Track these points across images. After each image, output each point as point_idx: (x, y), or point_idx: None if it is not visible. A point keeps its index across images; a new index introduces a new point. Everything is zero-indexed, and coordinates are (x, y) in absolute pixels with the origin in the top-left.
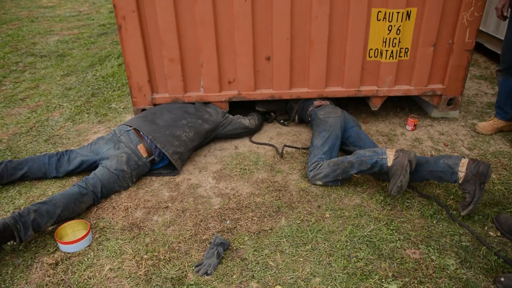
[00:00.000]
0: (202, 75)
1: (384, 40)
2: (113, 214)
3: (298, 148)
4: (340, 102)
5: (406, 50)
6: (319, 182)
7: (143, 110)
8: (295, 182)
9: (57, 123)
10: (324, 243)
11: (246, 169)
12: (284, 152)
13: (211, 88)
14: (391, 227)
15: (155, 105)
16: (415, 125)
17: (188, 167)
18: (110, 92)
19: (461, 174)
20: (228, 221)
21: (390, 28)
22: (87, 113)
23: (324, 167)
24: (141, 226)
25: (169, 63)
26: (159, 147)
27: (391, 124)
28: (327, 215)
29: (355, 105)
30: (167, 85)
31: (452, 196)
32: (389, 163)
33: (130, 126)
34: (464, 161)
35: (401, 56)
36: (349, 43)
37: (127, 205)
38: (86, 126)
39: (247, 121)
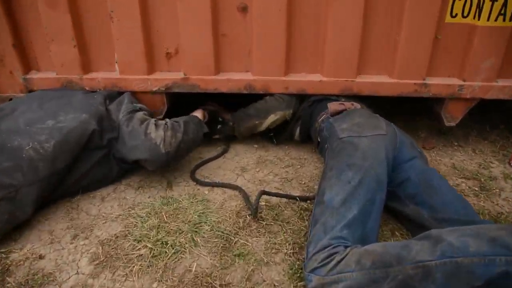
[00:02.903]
0: (113, 37)
1: None
2: None
3: (293, 199)
4: (378, 104)
5: None
6: None
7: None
8: None
9: None
10: None
11: (169, 242)
12: (261, 204)
13: (132, 66)
14: None
15: (32, 92)
16: None
17: (53, 222)
18: None
19: None
20: None
21: None
22: None
23: (348, 268)
24: None
25: (47, 10)
26: None
27: (478, 154)
28: None
29: (403, 109)
30: (51, 55)
31: None
32: None
33: None
34: None
35: None
36: None
37: None
38: None
39: (161, 132)
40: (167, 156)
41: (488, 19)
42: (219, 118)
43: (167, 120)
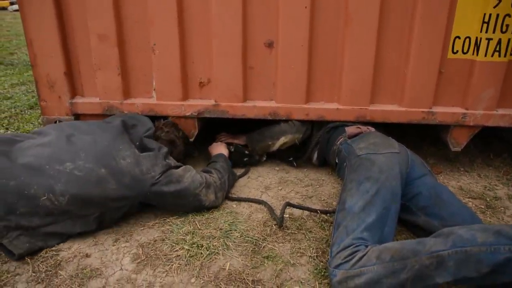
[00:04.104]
0: (153, 67)
1: (486, 20)
2: None
3: (314, 211)
4: (390, 132)
5: None
6: None
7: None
8: None
9: None
10: None
11: (204, 245)
12: (286, 216)
13: (168, 93)
14: None
15: (76, 117)
16: None
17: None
18: None
19: None
20: None
21: None
22: (6, 128)
23: (370, 262)
24: None
25: (98, 43)
26: None
27: (483, 178)
28: None
29: (411, 138)
30: (96, 82)
31: None
32: None
33: None
34: None
35: None
36: (418, 24)
37: None
38: None
39: (212, 196)
40: (215, 206)
41: (485, 55)
42: (245, 152)
43: (214, 175)
